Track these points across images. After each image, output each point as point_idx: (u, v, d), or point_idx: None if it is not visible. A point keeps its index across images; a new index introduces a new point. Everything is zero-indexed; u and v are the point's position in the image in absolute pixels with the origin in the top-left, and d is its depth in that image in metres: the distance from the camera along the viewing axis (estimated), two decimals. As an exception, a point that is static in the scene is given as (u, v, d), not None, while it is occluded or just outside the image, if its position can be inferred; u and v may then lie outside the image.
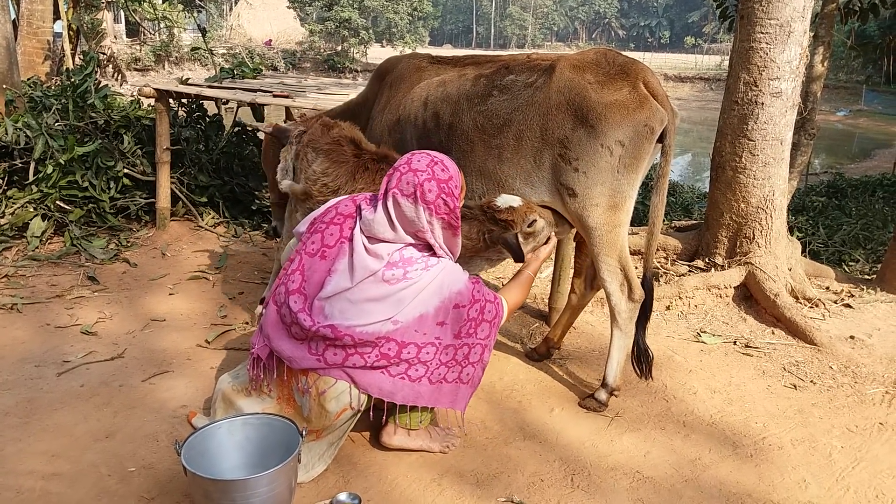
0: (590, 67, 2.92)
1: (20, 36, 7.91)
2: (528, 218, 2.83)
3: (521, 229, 2.82)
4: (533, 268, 2.85)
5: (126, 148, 5.29)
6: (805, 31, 4.19)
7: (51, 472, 2.50)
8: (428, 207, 2.40)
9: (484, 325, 2.51)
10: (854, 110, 30.59)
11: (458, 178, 2.50)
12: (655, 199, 3.04)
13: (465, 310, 2.46)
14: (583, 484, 2.60)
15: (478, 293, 2.50)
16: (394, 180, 2.44)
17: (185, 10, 22.82)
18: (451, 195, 2.44)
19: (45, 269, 4.43)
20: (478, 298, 2.50)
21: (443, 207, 2.42)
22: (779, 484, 2.66)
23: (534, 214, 2.86)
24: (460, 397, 2.54)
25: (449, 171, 2.47)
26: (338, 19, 36.35)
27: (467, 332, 2.48)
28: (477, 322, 2.49)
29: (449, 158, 2.54)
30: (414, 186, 2.40)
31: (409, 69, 3.54)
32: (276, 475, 2.19)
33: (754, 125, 4.26)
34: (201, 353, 3.48)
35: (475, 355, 2.52)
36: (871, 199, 8.45)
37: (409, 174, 2.42)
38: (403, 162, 2.47)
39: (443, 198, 2.42)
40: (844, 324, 4.13)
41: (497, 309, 2.56)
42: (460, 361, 2.50)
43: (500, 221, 2.82)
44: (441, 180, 2.43)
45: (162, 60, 28.96)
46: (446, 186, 2.43)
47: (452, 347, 2.48)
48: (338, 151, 3.14)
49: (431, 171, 2.42)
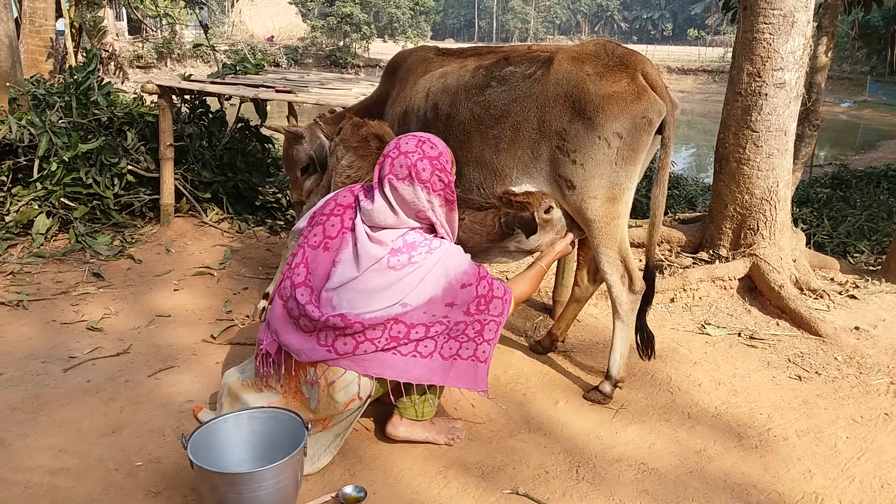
0: (588, 59, 2.91)
1: (23, 34, 7.92)
2: (544, 203, 2.84)
3: (539, 214, 2.81)
4: (546, 261, 2.84)
5: (130, 145, 5.30)
6: (808, 21, 4.17)
7: (58, 467, 2.52)
8: (425, 186, 2.43)
9: (496, 301, 2.52)
10: (858, 101, 30.47)
11: (447, 154, 2.55)
12: (656, 191, 3.03)
13: (473, 287, 2.48)
14: (588, 476, 2.61)
15: (483, 270, 2.54)
16: (387, 166, 2.46)
17: (186, 6, 22.85)
18: (443, 171, 2.49)
19: (51, 266, 4.44)
20: (484, 275, 2.52)
21: (438, 184, 2.46)
22: (784, 475, 2.66)
23: (551, 201, 2.87)
24: (480, 377, 2.53)
25: (438, 147, 2.51)
26: (340, 15, 36.35)
27: (478, 309, 2.49)
28: (488, 298, 2.51)
29: (435, 136, 2.58)
30: (408, 168, 2.43)
31: (416, 62, 3.55)
32: (283, 468, 2.20)
33: (758, 116, 4.24)
34: (207, 349, 3.50)
35: (489, 332, 2.52)
36: (875, 190, 8.43)
37: (400, 157, 2.44)
38: (392, 147, 2.50)
39: (437, 174, 2.46)
40: (849, 315, 4.12)
41: (505, 286, 2.58)
42: (473, 338, 2.50)
43: (515, 203, 2.82)
44: (432, 157, 2.46)
45: (164, 57, 29.00)
46: (438, 163, 2.47)
47: (463, 323, 2.49)
48: (365, 147, 3.19)
49: (422, 151, 2.46)
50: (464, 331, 2.50)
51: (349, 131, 3.27)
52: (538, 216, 2.81)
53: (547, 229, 2.87)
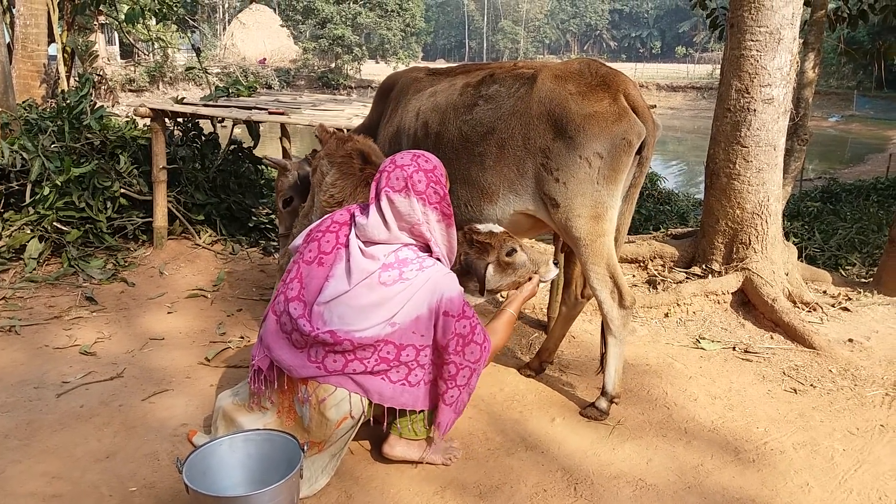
0: (572, 78, 2.94)
1: (15, 59, 7.96)
2: (506, 245, 2.76)
3: (500, 256, 2.75)
4: (514, 306, 2.78)
5: (122, 168, 5.30)
6: (795, 37, 4.23)
7: (52, 494, 2.49)
8: (420, 198, 2.45)
9: (474, 346, 2.47)
10: (846, 116, 30.81)
11: (441, 168, 2.58)
12: (623, 208, 3.05)
13: (453, 321, 2.43)
14: (586, 493, 2.60)
15: (469, 310, 2.48)
16: (383, 180, 2.48)
17: (178, 30, 22.96)
18: (438, 183, 2.51)
19: (43, 291, 4.42)
20: (469, 315, 2.47)
21: (434, 196, 2.48)
22: (782, 488, 2.65)
23: (514, 244, 2.79)
24: (443, 420, 2.51)
25: (432, 161, 2.55)
26: (331, 37, 36.60)
27: (454, 350, 2.44)
28: (466, 341, 2.45)
29: (429, 153, 2.61)
30: (404, 180, 2.45)
31: (407, 82, 3.59)
32: (278, 491, 2.19)
33: (747, 132, 4.29)
34: (201, 371, 3.48)
35: (462, 378, 2.48)
36: (865, 203, 8.50)
37: (396, 171, 2.47)
38: (388, 163, 2.53)
39: (432, 186, 2.48)
40: (843, 327, 4.14)
41: (486, 335, 2.53)
42: (446, 379, 2.48)
43: (476, 244, 2.76)
44: (427, 170, 2.49)
45: (156, 81, 29.11)
46: (433, 175, 2.50)
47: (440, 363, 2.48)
48: (348, 164, 3.17)
49: (417, 164, 2.49)
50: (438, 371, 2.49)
51: (334, 145, 3.26)
52: (500, 258, 2.76)
53: (509, 272, 2.79)
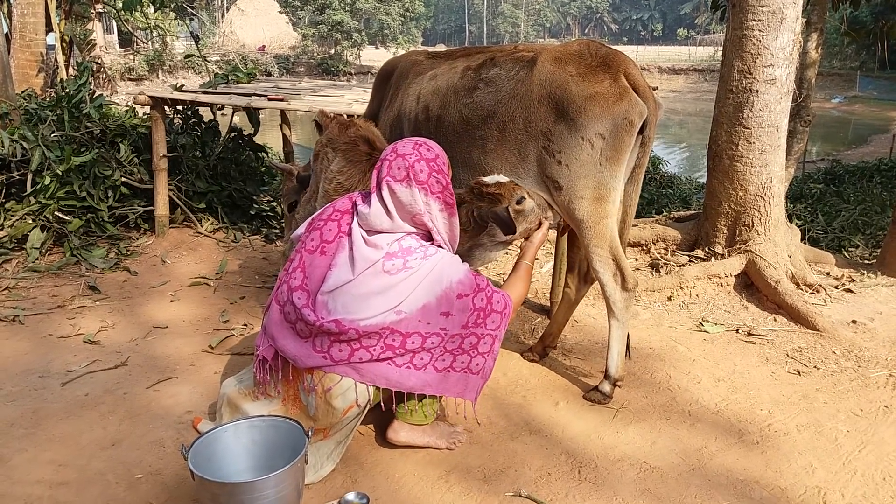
0: (572, 59, 2.92)
1: (13, 49, 7.93)
2: (516, 193, 2.81)
3: (511, 205, 2.79)
4: (529, 256, 2.84)
5: (123, 157, 5.29)
6: (797, 17, 4.19)
7: (58, 482, 2.50)
8: (422, 187, 2.43)
9: (494, 315, 2.51)
10: (849, 97, 30.62)
11: (443, 157, 2.55)
12: (629, 189, 3.05)
13: (470, 298, 2.46)
14: (590, 476, 2.60)
15: (482, 282, 2.51)
16: (384, 169, 2.46)
17: (177, 18, 22.85)
18: (441, 172, 2.49)
19: (46, 280, 4.43)
20: (483, 287, 2.50)
21: (436, 185, 2.46)
22: (786, 469, 2.66)
23: (522, 191, 2.84)
24: (470, 387, 2.54)
25: (434, 150, 2.52)
26: (330, 23, 36.40)
27: (475, 322, 2.48)
28: (486, 312, 2.49)
29: (431, 140, 2.58)
30: (406, 170, 2.43)
31: (407, 66, 3.57)
32: (283, 476, 2.19)
33: (749, 113, 4.26)
34: (205, 359, 3.49)
35: (485, 345, 2.52)
36: (868, 184, 8.45)
37: (398, 160, 2.45)
38: (389, 151, 2.50)
39: (434, 175, 2.46)
40: (846, 308, 4.13)
41: (506, 300, 2.56)
42: (468, 350, 2.50)
43: (487, 196, 2.79)
44: (429, 159, 2.47)
45: (155, 69, 28.99)
46: (435, 164, 2.48)
47: (459, 336, 2.48)
48: (353, 150, 3.15)
49: (419, 153, 2.46)
50: (459, 344, 2.49)
51: (336, 130, 3.23)
52: (511, 207, 2.79)
53: (520, 220, 2.85)
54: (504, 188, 2.79)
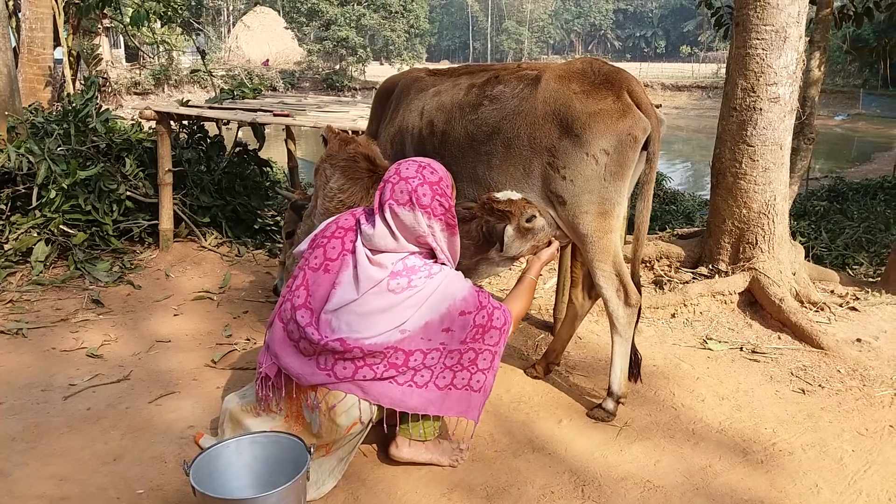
0: (575, 77, 2.95)
1: (21, 63, 7.98)
2: (526, 212, 2.82)
3: (520, 223, 2.80)
4: (534, 271, 2.84)
5: (128, 171, 5.32)
6: (801, 36, 4.21)
7: (59, 497, 2.49)
8: (425, 211, 2.43)
9: (493, 331, 2.51)
10: (852, 114, 30.68)
11: (447, 179, 2.56)
12: (640, 206, 3.06)
13: (472, 316, 2.47)
14: (593, 495, 2.59)
15: (485, 300, 2.51)
16: (387, 192, 2.47)
17: (183, 33, 23.03)
18: (444, 195, 2.49)
19: (50, 294, 4.43)
20: (484, 305, 2.50)
21: (439, 209, 2.46)
22: (791, 490, 2.64)
23: (533, 210, 2.85)
24: (472, 405, 2.53)
25: (438, 172, 2.52)
26: (335, 39, 36.64)
27: (473, 338, 2.48)
28: (485, 328, 2.49)
29: (435, 161, 2.59)
30: (408, 194, 2.43)
31: (408, 82, 3.58)
32: (285, 493, 2.18)
33: (753, 131, 4.27)
34: (207, 374, 3.48)
35: (484, 361, 2.51)
36: (872, 202, 8.45)
37: (401, 183, 2.45)
38: (392, 173, 2.50)
39: (437, 199, 2.46)
40: (850, 327, 4.12)
41: (505, 316, 2.56)
42: (467, 366, 2.49)
43: (496, 212, 2.81)
44: (432, 183, 2.47)
45: (161, 84, 29.20)
46: (438, 188, 2.48)
47: (458, 352, 2.48)
48: (353, 168, 3.15)
49: (422, 176, 2.46)
50: (458, 360, 2.49)
51: (336, 147, 3.24)
52: (520, 224, 2.80)
53: (528, 237, 2.86)
54: (514, 206, 2.81)
